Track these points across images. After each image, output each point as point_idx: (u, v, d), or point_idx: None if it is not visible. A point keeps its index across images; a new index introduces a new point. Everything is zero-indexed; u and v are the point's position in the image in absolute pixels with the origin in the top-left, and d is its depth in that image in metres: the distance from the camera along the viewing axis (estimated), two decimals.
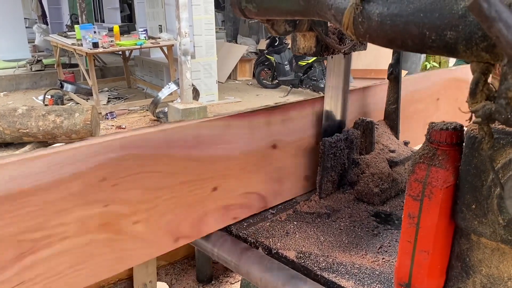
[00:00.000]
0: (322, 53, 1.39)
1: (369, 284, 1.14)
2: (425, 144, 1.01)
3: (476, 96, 0.77)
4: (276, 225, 1.42)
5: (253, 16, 1.15)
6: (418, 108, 2.01)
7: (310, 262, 1.23)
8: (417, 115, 1.98)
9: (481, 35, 0.71)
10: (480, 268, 0.99)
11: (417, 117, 1.99)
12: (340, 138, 1.54)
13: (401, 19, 0.80)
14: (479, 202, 0.93)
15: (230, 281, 2.04)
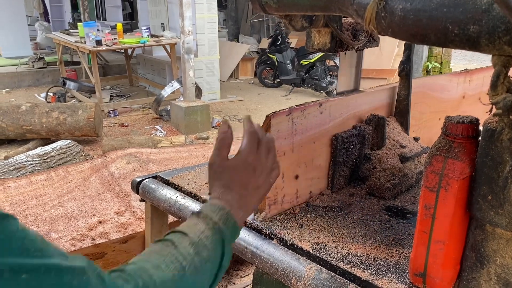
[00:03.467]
0: (337, 48, 1.42)
1: (384, 274, 1.17)
2: (441, 137, 1.04)
3: (497, 88, 0.80)
4: (290, 217, 1.45)
5: (272, 12, 1.18)
6: None
7: (326, 253, 1.26)
8: None
9: (504, 28, 0.73)
10: (495, 258, 1.02)
11: None
12: (353, 133, 1.57)
13: (425, 13, 0.82)
14: (495, 193, 0.96)
15: (240, 274, 2.06)
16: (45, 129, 5.51)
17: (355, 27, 1.45)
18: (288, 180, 1.41)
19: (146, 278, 0.64)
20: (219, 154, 0.89)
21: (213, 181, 0.90)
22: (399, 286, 1.13)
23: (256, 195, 0.92)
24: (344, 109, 1.55)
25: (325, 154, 1.55)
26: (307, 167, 1.47)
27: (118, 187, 3.05)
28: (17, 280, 0.47)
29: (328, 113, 1.48)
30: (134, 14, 12.28)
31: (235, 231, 0.84)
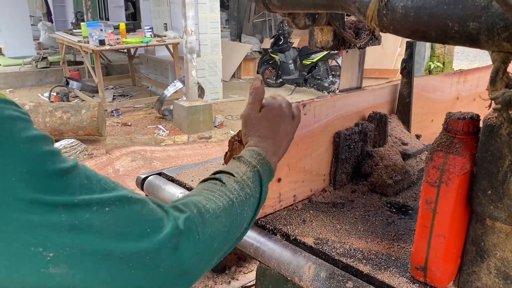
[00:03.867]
0: (339, 47, 1.44)
1: (386, 268, 1.19)
2: (442, 133, 1.06)
3: (496, 84, 0.81)
4: (293, 213, 1.47)
5: (276, 10, 1.20)
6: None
7: (328, 248, 1.28)
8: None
9: (502, 25, 0.75)
10: (495, 252, 1.03)
11: None
12: (355, 130, 1.58)
13: (425, 11, 0.84)
14: (495, 187, 0.97)
15: (243, 271, 2.08)
16: (48, 128, 5.54)
17: (357, 25, 1.47)
18: (270, 183, 1.34)
19: (200, 207, 0.74)
20: (253, 108, 1.01)
21: (249, 131, 1.02)
22: (401, 279, 1.14)
23: (287, 140, 1.06)
24: (330, 110, 1.50)
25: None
26: (291, 169, 1.42)
27: (123, 183, 3.08)
28: (102, 212, 0.58)
29: (312, 114, 1.42)
30: (136, 14, 12.32)
31: (271, 173, 0.97)
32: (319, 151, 1.52)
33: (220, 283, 1.99)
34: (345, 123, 1.58)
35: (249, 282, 1.98)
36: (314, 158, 1.50)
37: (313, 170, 1.52)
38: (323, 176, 1.57)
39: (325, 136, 1.53)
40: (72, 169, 0.59)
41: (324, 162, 1.56)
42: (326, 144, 1.55)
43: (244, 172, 0.90)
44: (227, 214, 0.78)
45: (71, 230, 0.54)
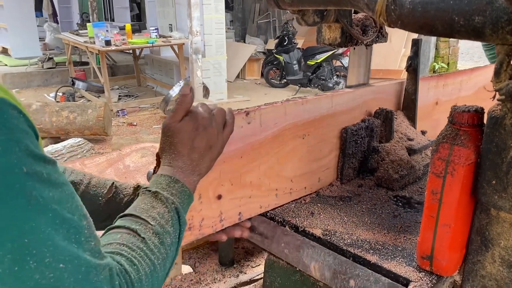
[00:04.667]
0: (346, 43, 1.47)
1: (393, 258, 1.22)
2: (448, 125, 1.09)
3: (501, 75, 0.85)
4: (301, 206, 1.50)
5: (286, 7, 1.23)
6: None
7: (336, 239, 1.31)
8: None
9: (506, 19, 0.79)
10: (499, 241, 1.06)
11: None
12: (361, 126, 1.62)
13: (432, 6, 0.88)
14: (499, 178, 1.01)
15: (251, 265, 2.11)
16: (55, 128, 5.59)
17: (365, 22, 1.50)
18: (207, 201, 1.20)
19: (127, 279, 0.67)
20: (174, 117, 0.90)
21: (164, 146, 0.91)
22: (407, 268, 1.18)
23: (210, 154, 0.94)
24: (280, 118, 1.36)
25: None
26: (234, 185, 1.27)
27: (133, 179, 3.12)
28: None
29: (258, 122, 1.29)
30: (141, 15, 12.39)
31: (190, 198, 0.88)
32: (270, 163, 1.36)
33: (228, 277, 2.02)
34: (299, 132, 1.43)
35: (256, 276, 2.02)
36: (263, 171, 1.35)
37: (263, 184, 1.36)
38: (275, 191, 1.42)
39: (275, 146, 1.37)
40: None
41: (275, 176, 1.40)
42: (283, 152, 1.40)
43: (162, 215, 0.79)
44: (148, 280, 0.71)
45: None
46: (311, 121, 1.46)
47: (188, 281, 2.00)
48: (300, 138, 1.45)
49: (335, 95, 1.54)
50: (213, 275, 2.02)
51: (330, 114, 1.53)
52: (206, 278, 2.01)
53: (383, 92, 1.78)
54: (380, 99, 1.76)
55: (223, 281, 1.99)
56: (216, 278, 2.00)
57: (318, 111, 1.48)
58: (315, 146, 1.51)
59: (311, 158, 1.51)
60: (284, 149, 1.40)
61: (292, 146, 1.42)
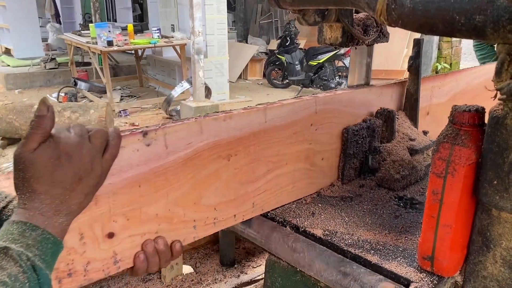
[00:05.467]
0: (348, 43, 1.47)
1: (394, 259, 1.21)
2: (448, 125, 1.09)
3: (502, 75, 0.84)
4: (302, 206, 1.50)
5: (287, 7, 1.23)
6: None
7: (337, 239, 1.31)
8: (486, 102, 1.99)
9: (508, 18, 0.78)
10: (500, 241, 1.06)
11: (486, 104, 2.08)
12: (363, 126, 1.61)
13: (433, 5, 0.87)
14: (501, 178, 1.00)
15: (252, 265, 2.11)
16: None
17: (366, 22, 1.50)
18: (93, 241, 0.99)
19: None
20: (24, 145, 0.70)
21: (16, 181, 0.71)
22: (408, 269, 1.17)
23: (81, 189, 0.76)
24: (194, 137, 1.15)
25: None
26: (131, 220, 1.05)
27: None
28: None
29: (162, 144, 1.08)
30: (143, 16, 12.40)
31: (56, 248, 0.71)
32: (183, 191, 1.15)
33: (229, 277, 2.02)
34: (222, 152, 1.23)
35: (257, 276, 2.02)
36: (173, 200, 1.13)
37: (175, 215, 1.15)
38: (192, 223, 1.19)
39: (189, 171, 1.15)
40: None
41: (191, 206, 1.18)
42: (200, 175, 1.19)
43: (14, 277, 0.62)
44: None
45: None
46: (238, 139, 1.26)
47: (189, 281, 2.00)
48: (225, 160, 1.24)
49: (269, 107, 1.34)
50: (214, 275, 2.02)
51: (264, 130, 1.33)
52: (207, 278, 2.01)
53: (336, 102, 1.55)
54: (332, 111, 1.55)
55: (224, 281, 1.99)
56: (217, 278, 2.00)
57: (248, 127, 1.29)
58: (246, 168, 1.31)
59: (241, 181, 1.30)
60: (202, 173, 1.19)
61: (213, 169, 1.21)
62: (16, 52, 9.90)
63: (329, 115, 1.55)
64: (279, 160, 1.42)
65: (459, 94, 2.16)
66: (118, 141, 0.83)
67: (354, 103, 1.65)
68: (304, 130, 1.47)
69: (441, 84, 2.04)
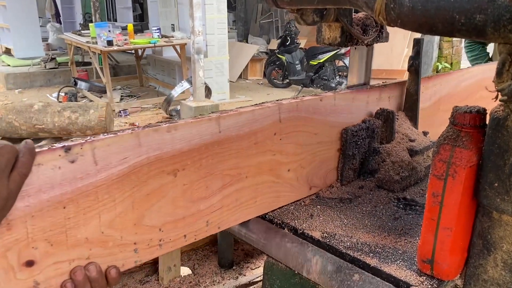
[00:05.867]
0: (347, 43, 1.45)
1: (393, 262, 1.20)
2: (449, 127, 1.07)
3: (503, 75, 0.83)
4: (300, 208, 1.49)
5: (284, 6, 1.21)
6: (484, 94, 2.13)
7: (335, 242, 1.29)
8: (483, 100, 1.90)
9: (509, 17, 0.76)
10: (501, 245, 1.04)
11: (482, 102, 1.96)
12: (362, 127, 1.60)
13: (432, 4, 0.85)
14: (502, 180, 0.98)
15: (250, 267, 2.10)
16: (57, 128, 5.59)
17: (365, 21, 1.48)
18: (7, 271, 0.89)
19: None
20: None
21: None
22: (407, 272, 1.16)
23: None
24: (131, 151, 1.04)
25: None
26: (55, 245, 0.94)
27: None
28: None
29: (90, 159, 0.97)
30: (144, 15, 12.40)
31: None
32: (119, 211, 1.03)
33: (227, 279, 2.01)
34: (166, 167, 1.11)
35: (256, 278, 2.00)
36: (107, 222, 1.03)
37: (111, 239, 1.03)
38: (133, 246, 1.08)
39: (126, 189, 1.04)
40: None
41: (130, 227, 1.06)
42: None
43: None
44: None
45: None
46: (186, 152, 1.14)
47: (187, 283, 1.98)
48: (170, 175, 1.12)
49: (223, 116, 1.21)
50: (212, 277, 2.01)
51: (218, 141, 1.21)
52: (205, 280, 1.99)
53: (302, 109, 1.43)
54: (299, 118, 1.43)
55: (222, 283, 1.98)
56: (215, 280, 1.98)
57: (198, 138, 1.17)
58: (198, 183, 1.19)
59: (192, 198, 1.19)
60: (143, 190, 1.07)
61: (157, 186, 1.10)
62: (16, 52, 9.90)
63: (295, 123, 1.42)
64: (237, 174, 1.28)
65: (444, 98, 2.03)
66: (29, 158, 0.76)
67: (325, 110, 1.51)
68: (267, 140, 1.35)
69: (423, 88, 1.89)
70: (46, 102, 5.90)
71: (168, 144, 1.10)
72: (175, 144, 1.12)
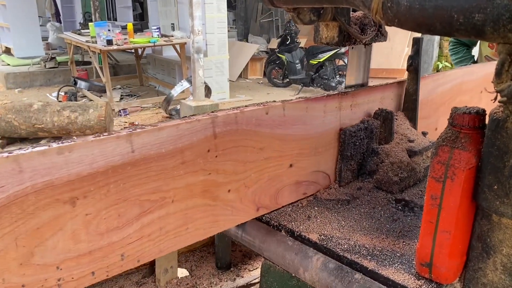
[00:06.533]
0: (344, 42, 1.43)
1: (391, 265, 1.18)
2: (448, 128, 1.05)
3: (502, 76, 0.81)
4: (298, 209, 1.47)
5: (281, 5, 1.19)
6: (463, 100, 2.03)
7: (333, 244, 1.27)
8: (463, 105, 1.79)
9: (508, 16, 0.74)
10: (501, 248, 1.02)
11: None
12: (360, 127, 1.58)
13: (430, 3, 0.83)
14: (501, 182, 0.97)
15: (248, 268, 2.08)
16: (56, 128, 5.57)
17: (363, 21, 1.46)
18: None
19: None
20: None
21: None
22: (405, 276, 1.14)
23: None
24: (9, 179, 0.89)
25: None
26: None
27: None
28: None
29: None
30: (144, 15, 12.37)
31: None
32: (2, 247, 0.92)
33: (225, 280, 1.99)
34: (61, 195, 0.97)
35: (254, 280, 1.99)
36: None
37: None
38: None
39: (5, 224, 0.90)
40: None
41: (16, 267, 0.94)
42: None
43: None
44: None
45: None
46: (86, 176, 0.99)
47: (184, 285, 1.97)
48: (67, 204, 0.98)
49: (136, 133, 1.06)
50: (209, 279, 1.99)
51: (132, 162, 1.06)
52: (202, 282, 1.98)
53: (243, 121, 1.27)
54: (240, 132, 1.27)
55: (219, 285, 1.96)
56: (212, 282, 1.97)
57: (103, 160, 1.01)
58: (107, 212, 1.05)
59: (100, 230, 1.05)
60: (31, 224, 0.94)
61: (49, 218, 0.96)
62: (16, 51, 9.89)
63: (235, 138, 1.25)
64: (161, 198, 1.13)
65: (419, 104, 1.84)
66: None
67: (272, 122, 1.35)
68: (198, 158, 1.18)
69: (392, 94, 1.77)
70: (46, 102, 5.89)
71: (61, 168, 0.95)
72: (71, 168, 0.96)
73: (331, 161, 1.57)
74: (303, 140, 1.46)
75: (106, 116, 5.65)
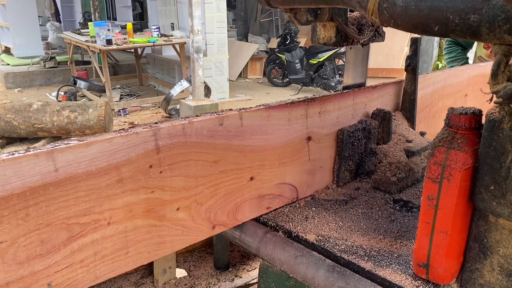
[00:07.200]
0: (342, 43, 1.43)
1: (388, 265, 1.18)
2: (444, 129, 1.05)
3: (498, 77, 0.80)
4: (295, 210, 1.47)
5: (277, 5, 1.19)
6: (446, 103, 2.01)
7: (330, 245, 1.27)
8: (445, 111, 1.77)
9: (504, 17, 0.74)
10: (498, 248, 1.02)
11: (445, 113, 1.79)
12: (358, 127, 1.58)
13: (426, 4, 0.83)
14: (498, 183, 0.96)
15: (246, 269, 2.08)
16: (56, 128, 5.57)
17: (361, 21, 1.46)
18: None
19: None
20: None
21: None
22: (402, 277, 1.14)
23: None
24: None
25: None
26: None
27: None
28: None
29: None
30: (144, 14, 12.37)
31: None
32: None
33: (223, 281, 1.99)
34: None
35: (252, 280, 1.98)
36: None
37: None
38: None
39: None
40: None
41: None
42: None
43: None
44: None
45: None
46: (22, 191, 0.91)
47: (182, 285, 1.96)
48: None
49: (59, 149, 0.95)
50: (207, 279, 1.99)
51: (55, 182, 0.96)
52: (200, 282, 1.98)
53: (192, 133, 1.17)
54: (188, 145, 1.17)
55: (217, 285, 1.96)
56: (210, 283, 1.97)
57: (19, 181, 0.91)
58: (25, 239, 0.95)
59: (19, 259, 0.95)
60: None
61: None
62: (16, 51, 9.89)
63: (183, 151, 1.16)
64: (93, 221, 1.03)
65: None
66: None
67: (228, 133, 1.26)
68: (138, 175, 1.08)
69: (367, 99, 1.66)
70: (45, 101, 5.88)
71: None
72: None
73: (298, 173, 1.46)
74: (265, 151, 1.36)
75: (106, 115, 5.64)
